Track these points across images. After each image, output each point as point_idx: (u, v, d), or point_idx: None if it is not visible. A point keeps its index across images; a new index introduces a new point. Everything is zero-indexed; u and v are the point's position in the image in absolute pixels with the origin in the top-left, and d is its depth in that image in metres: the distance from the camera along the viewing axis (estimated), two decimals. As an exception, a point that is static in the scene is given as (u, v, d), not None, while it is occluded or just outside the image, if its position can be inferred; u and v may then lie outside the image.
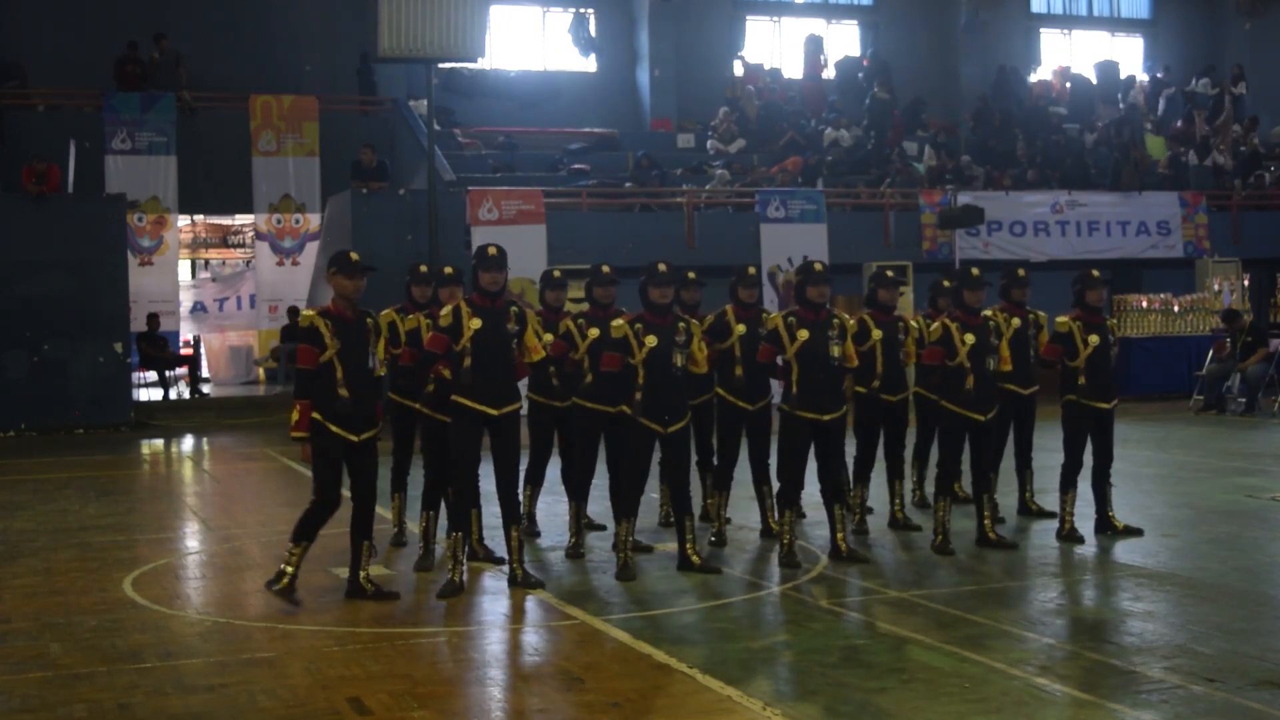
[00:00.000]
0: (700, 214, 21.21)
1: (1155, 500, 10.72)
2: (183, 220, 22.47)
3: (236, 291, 23.61)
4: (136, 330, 19.42)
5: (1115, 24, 31.20)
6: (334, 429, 7.20)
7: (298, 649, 6.50)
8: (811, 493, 8.76)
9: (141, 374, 19.98)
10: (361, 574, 7.51)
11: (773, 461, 8.64)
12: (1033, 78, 28.90)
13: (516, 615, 7.22)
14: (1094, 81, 28.64)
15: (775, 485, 8.51)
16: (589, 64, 26.73)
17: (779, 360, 8.28)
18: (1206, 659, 6.00)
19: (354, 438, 7.27)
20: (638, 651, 6.32)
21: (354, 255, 7.36)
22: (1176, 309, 20.96)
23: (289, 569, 7.43)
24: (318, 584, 8.01)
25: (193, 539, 10.10)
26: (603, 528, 9.27)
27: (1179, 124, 27.24)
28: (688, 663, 6.07)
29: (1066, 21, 30.85)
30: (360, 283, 7.32)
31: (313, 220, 21.54)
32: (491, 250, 7.66)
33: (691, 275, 9.17)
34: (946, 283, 9.93)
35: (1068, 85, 28.78)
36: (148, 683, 5.97)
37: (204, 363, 23.12)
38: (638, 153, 23.37)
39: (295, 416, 7.12)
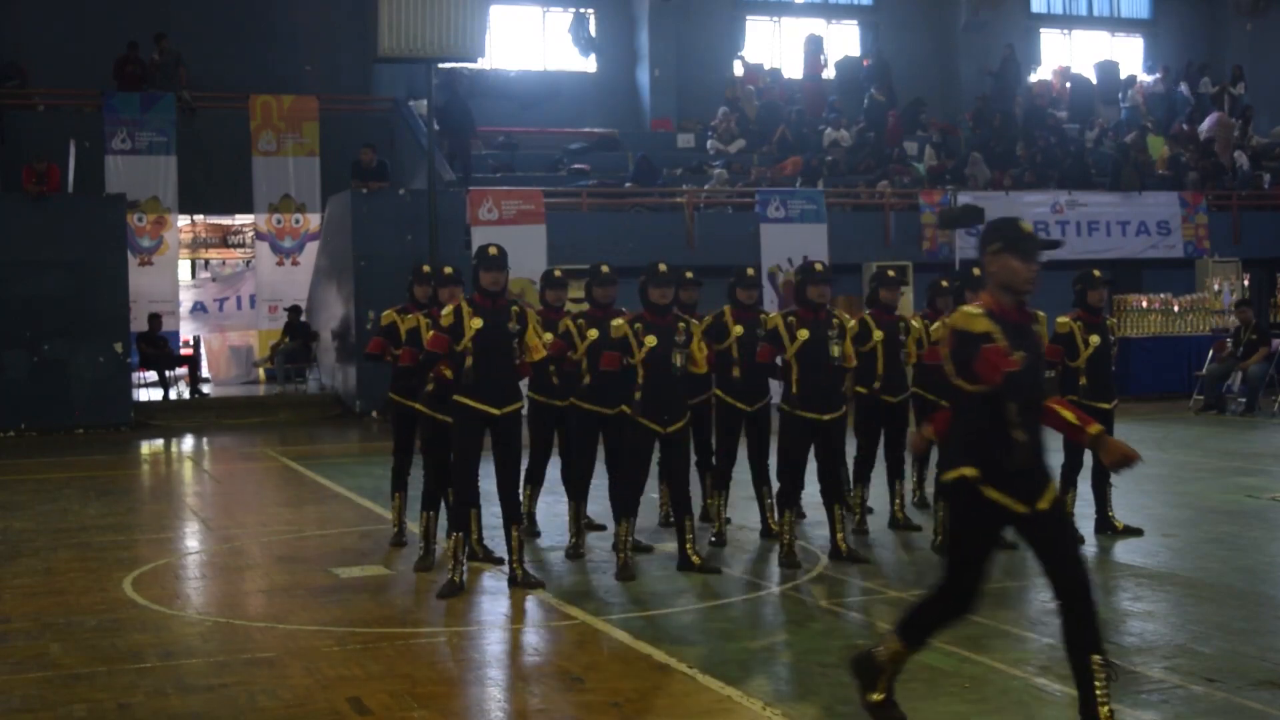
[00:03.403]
0: (700, 214, 21.22)
1: (1155, 500, 10.72)
2: (183, 220, 22.43)
3: (236, 291, 23.59)
4: (136, 330, 19.41)
5: (1115, 24, 31.19)
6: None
7: (298, 649, 6.50)
8: (811, 493, 8.76)
9: (141, 374, 19.97)
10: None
11: (772, 462, 8.64)
12: (1033, 78, 28.90)
13: (516, 615, 7.22)
14: (1094, 81, 28.64)
15: (775, 485, 8.51)
16: (589, 64, 26.71)
17: (778, 360, 8.28)
18: (1206, 659, 6.00)
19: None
20: (638, 651, 6.32)
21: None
22: (1176, 309, 20.95)
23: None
24: (318, 584, 8.02)
25: (193, 539, 10.10)
26: (603, 528, 9.26)
27: (1183, 125, 27.24)
28: (687, 662, 6.07)
29: (1066, 21, 30.85)
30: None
31: (313, 220, 21.52)
32: (492, 250, 7.66)
33: (689, 275, 9.17)
34: (945, 283, 9.92)
35: (1068, 85, 28.78)
36: (148, 683, 5.97)
37: (204, 363, 23.10)
38: (637, 153, 23.37)
39: (1072, 417, 4.97)
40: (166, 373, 20.08)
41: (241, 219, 23.26)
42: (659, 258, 8.17)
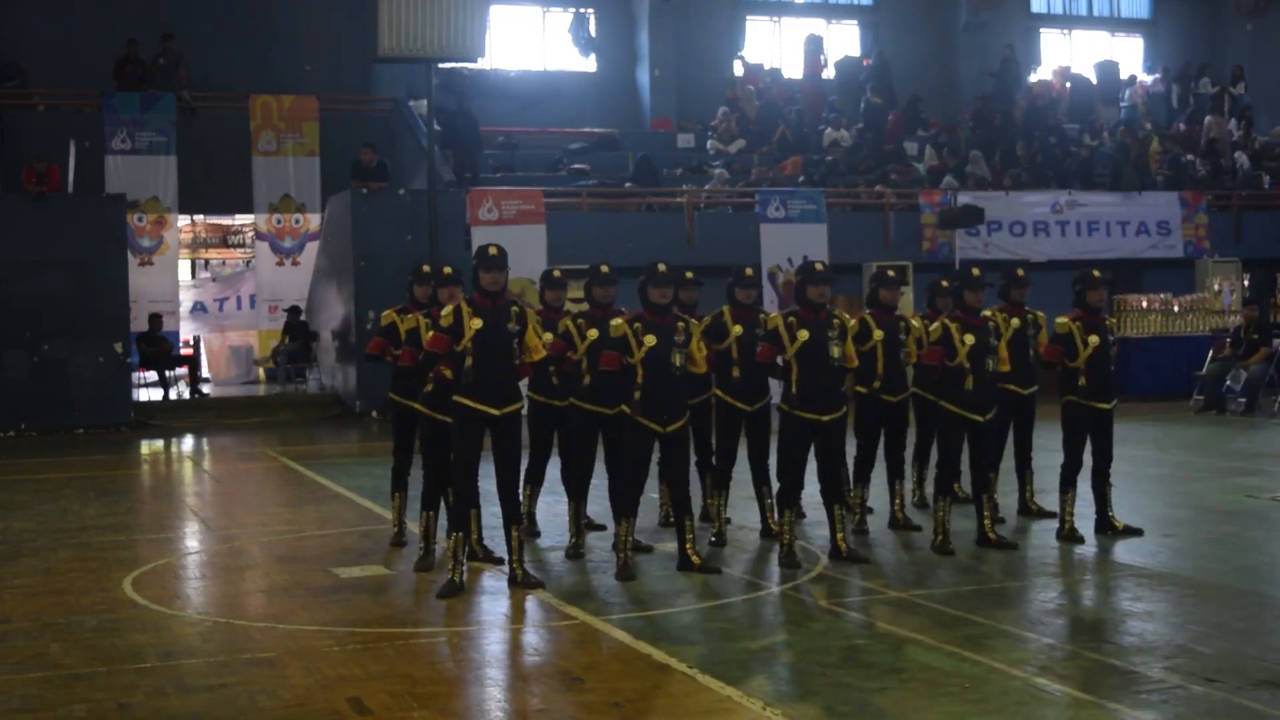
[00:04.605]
0: (700, 214, 21.22)
1: (1155, 500, 10.72)
2: (183, 220, 22.44)
3: (236, 291, 23.60)
4: (136, 330, 19.41)
5: (1115, 24, 31.20)
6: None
7: (298, 649, 6.50)
8: (811, 493, 8.77)
9: (141, 374, 19.98)
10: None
11: (772, 462, 8.64)
12: (1033, 78, 28.91)
13: (516, 615, 7.22)
14: (1094, 81, 28.65)
15: (775, 485, 8.51)
16: (589, 64, 26.72)
17: (779, 360, 8.27)
18: (1206, 659, 6.00)
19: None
20: (638, 651, 6.32)
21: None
22: (1176, 309, 20.96)
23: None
24: (318, 584, 8.01)
25: (193, 539, 10.10)
26: (603, 528, 9.26)
27: (1181, 125, 27.24)
28: (687, 662, 6.07)
29: (1066, 21, 30.85)
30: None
31: (313, 220, 21.53)
32: (492, 250, 7.66)
33: (689, 275, 9.17)
34: (945, 283, 9.92)
35: (1068, 85, 28.78)
36: (148, 683, 5.97)
37: (204, 363, 23.10)
38: (637, 153, 23.37)
39: None
40: (166, 373, 20.09)
41: (241, 219, 23.26)
42: (659, 258, 8.16)
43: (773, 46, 28.39)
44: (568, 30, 26.52)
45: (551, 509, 9.93)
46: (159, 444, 17.01)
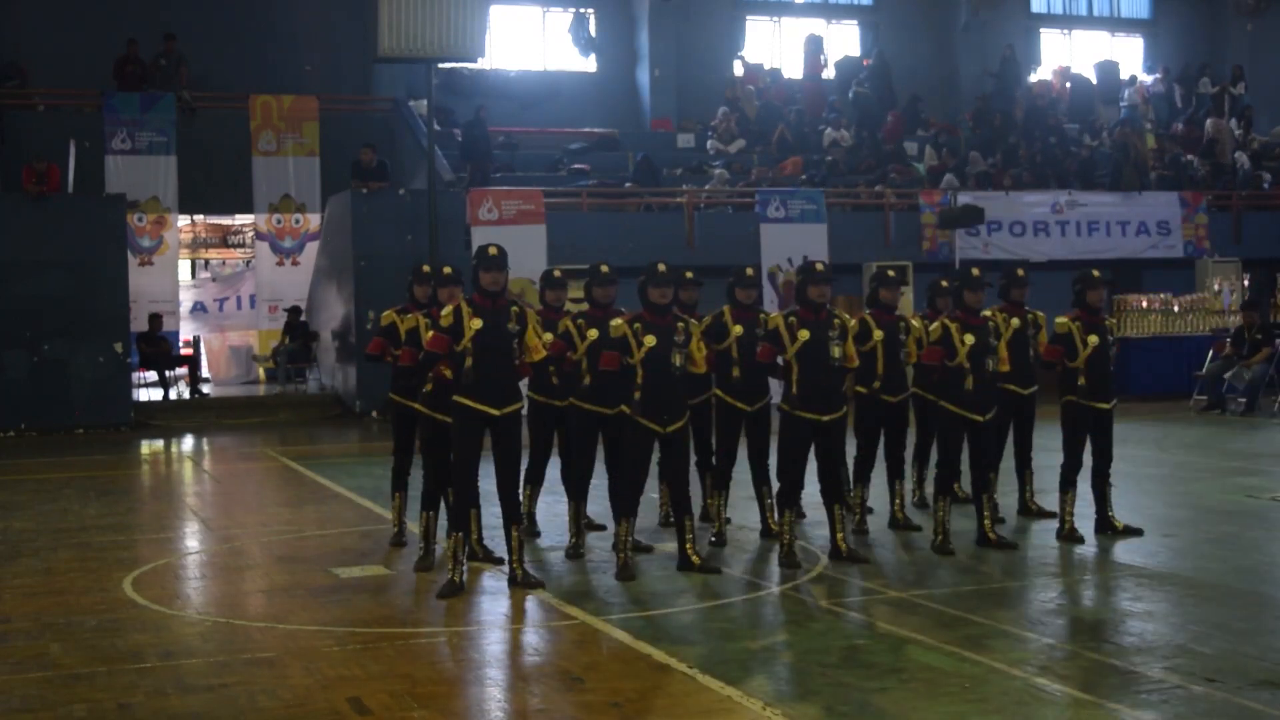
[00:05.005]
0: (700, 214, 21.22)
1: (1155, 500, 10.72)
2: (183, 220, 22.44)
3: (236, 291, 23.61)
4: (136, 330, 19.41)
5: (1115, 24, 31.21)
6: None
7: (298, 649, 6.50)
8: (811, 493, 8.77)
9: (141, 374, 19.98)
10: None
11: (772, 462, 8.64)
12: (1033, 78, 28.92)
13: (516, 615, 7.22)
14: (1094, 81, 28.66)
15: (775, 485, 8.51)
16: (589, 64, 26.73)
17: (779, 360, 8.28)
18: (1206, 659, 6.00)
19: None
20: (637, 651, 6.32)
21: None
22: (1176, 309, 20.96)
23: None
24: (318, 584, 8.02)
25: (193, 539, 10.10)
26: (603, 528, 9.26)
27: (1180, 125, 27.24)
28: (687, 662, 6.07)
29: (1066, 21, 30.86)
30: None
31: (313, 220, 21.53)
32: (492, 250, 7.66)
33: (689, 275, 9.17)
34: (945, 283, 9.91)
35: (1068, 85, 28.79)
36: (148, 683, 5.97)
37: (204, 363, 23.10)
38: (637, 153, 23.37)
39: None
40: (166, 373, 20.09)
41: (241, 219, 23.27)
42: (659, 258, 8.16)
43: (773, 46, 28.39)
44: (568, 30, 26.53)
45: (551, 509, 9.93)
46: (159, 444, 17.01)
